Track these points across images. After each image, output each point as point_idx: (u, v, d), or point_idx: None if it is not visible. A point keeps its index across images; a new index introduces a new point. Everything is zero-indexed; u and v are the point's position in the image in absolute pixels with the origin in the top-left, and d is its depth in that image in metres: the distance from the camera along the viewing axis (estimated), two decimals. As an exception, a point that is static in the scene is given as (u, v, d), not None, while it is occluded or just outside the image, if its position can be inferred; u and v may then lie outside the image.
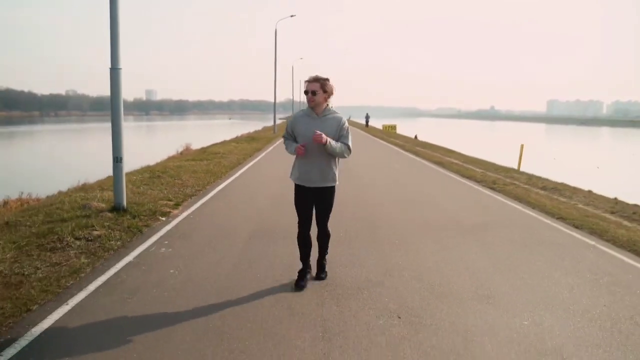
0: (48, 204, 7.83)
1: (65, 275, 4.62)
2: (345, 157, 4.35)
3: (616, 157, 34.41)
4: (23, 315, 3.76)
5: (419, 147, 24.45)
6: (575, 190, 11.34)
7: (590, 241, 6.53)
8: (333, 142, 4.21)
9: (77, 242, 5.61)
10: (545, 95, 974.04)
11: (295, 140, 4.38)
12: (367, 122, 53.67)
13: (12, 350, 3.23)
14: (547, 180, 13.19)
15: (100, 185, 9.61)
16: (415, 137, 36.76)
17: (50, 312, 3.83)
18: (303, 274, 4.55)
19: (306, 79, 4.24)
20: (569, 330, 3.75)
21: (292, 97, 76.53)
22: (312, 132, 4.16)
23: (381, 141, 30.07)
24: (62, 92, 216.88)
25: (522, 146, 17.37)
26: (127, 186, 7.79)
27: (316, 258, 4.73)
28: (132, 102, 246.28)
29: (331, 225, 4.62)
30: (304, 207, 4.45)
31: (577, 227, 7.30)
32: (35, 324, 3.62)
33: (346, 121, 4.35)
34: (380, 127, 49.98)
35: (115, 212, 7.02)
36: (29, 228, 6.19)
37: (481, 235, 6.59)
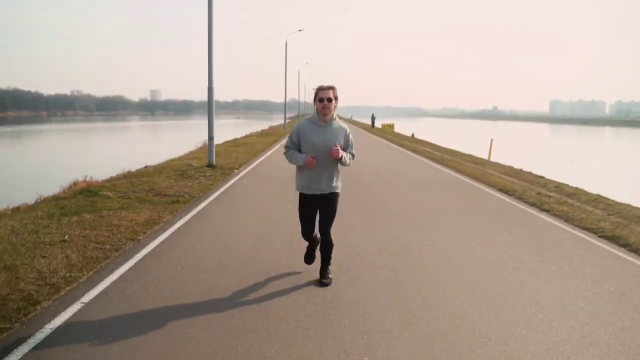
0: (165, 165, 13.32)
1: (207, 186, 10.07)
2: (349, 165, 4.37)
3: (596, 153, 38.56)
4: (204, 192, 9.21)
5: (405, 141, 29.85)
6: (495, 164, 16.66)
7: (474, 183, 11.89)
8: (345, 155, 4.24)
9: (201, 177, 11.08)
10: (548, 95, 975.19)
11: (299, 150, 4.27)
12: (373, 122, 55.22)
13: (209, 199, 8.67)
14: (483, 160, 18.52)
15: (186, 157, 15.07)
16: (412, 135, 40.30)
17: (214, 192, 9.36)
18: (311, 250, 4.74)
19: (320, 86, 4.18)
20: (431, 211, 9.08)
21: (297, 98, 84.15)
22: (321, 140, 4.14)
23: (377, 137, 35.49)
24: (67, 92, 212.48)
25: (491, 140, 22.57)
26: (203, 158, 13.25)
27: (320, 263, 4.60)
28: (137, 103, 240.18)
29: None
30: (309, 216, 4.46)
31: (474, 179, 12.64)
32: (211, 195, 9.11)
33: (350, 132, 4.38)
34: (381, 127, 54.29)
35: (210, 167, 12.49)
36: (169, 173, 11.63)
37: (418, 183, 11.95)
